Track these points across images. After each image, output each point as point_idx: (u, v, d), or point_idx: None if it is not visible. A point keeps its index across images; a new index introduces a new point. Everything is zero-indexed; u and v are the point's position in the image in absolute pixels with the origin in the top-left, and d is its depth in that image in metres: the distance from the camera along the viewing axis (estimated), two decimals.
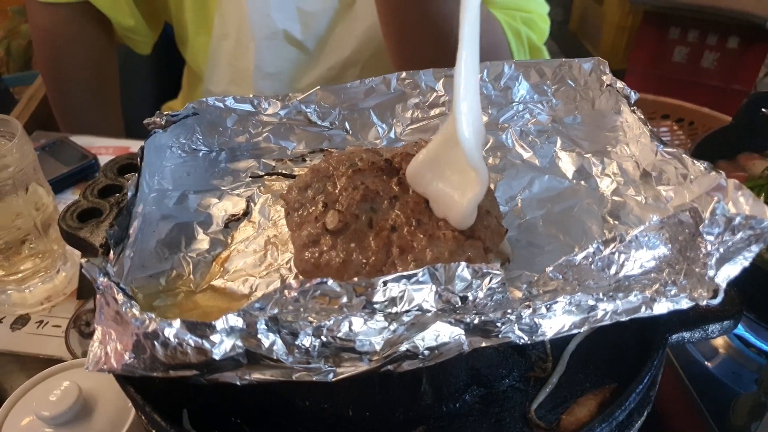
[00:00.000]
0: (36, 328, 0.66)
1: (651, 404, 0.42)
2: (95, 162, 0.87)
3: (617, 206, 0.48)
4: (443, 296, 0.34)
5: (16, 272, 0.67)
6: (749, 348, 0.62)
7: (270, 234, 0.49)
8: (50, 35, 1.00)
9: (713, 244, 0.35)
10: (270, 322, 0.33)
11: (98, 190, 0.49)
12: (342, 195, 0.43)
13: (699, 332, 0.42)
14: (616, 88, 0.52)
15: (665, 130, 1.14)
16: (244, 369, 0.33)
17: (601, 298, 0.35)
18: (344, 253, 0.41)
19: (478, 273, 0.34)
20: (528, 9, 0.93)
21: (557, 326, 0.35)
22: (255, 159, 0.56)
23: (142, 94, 1.28)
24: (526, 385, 0.43)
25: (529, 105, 0.56)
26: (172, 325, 0.32)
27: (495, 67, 0.55)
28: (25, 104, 1.09)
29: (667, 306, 0.35)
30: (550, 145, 0.54)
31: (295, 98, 0.55)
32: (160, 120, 0.50)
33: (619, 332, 0.41)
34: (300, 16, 0.97)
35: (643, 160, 0.48)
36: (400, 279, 0.33)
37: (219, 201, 0.52)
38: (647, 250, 0.36)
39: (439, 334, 0.34)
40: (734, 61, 1.85)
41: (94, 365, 0.35)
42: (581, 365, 0.44)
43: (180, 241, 0.48)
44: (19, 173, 0.63)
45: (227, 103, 0.53)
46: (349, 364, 0.34)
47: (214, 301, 0.44)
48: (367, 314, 0.33)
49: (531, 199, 0.51)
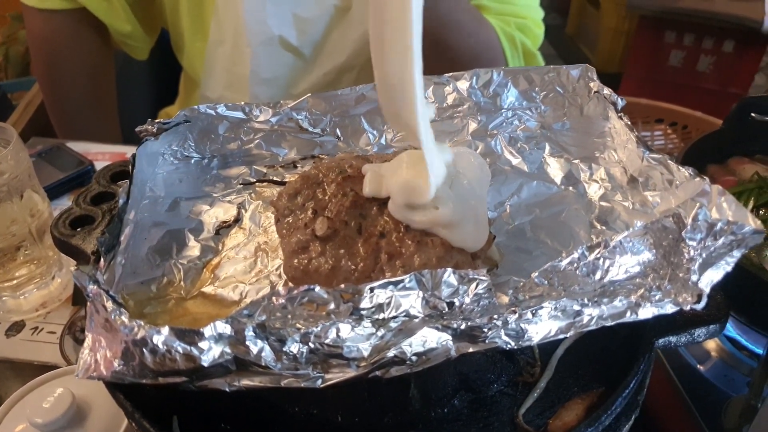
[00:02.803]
0: (31, 335, 0.66)
1: (639, 408, 0.42)
2: (91, 168, 0.88)
3: (605, 212, 0.49)
4: (430, 302, 0.35)
5: (11, 279, 0.68)
6: (741, 351, 0.62)
7: (260, 241, 0.50)
8: (47, 41, 1.01)
9: (696, 249, 0.35)
10: (258, 329, 0.33)
11: (91, 197, 0.49)
12: (331, 201, 0.43)
13: (685, 336, 0.43)
14: (604, 95, 0.52)
15: (659, 134, 1.15)
16: (233, 375, 0.34)
17: (586, 303, 0.35)
18: (333, 259, 0.41)
19: (464, 279, 0.35)
20: (522, 15, 0.94)
21: (543, 331, 0.35)
22: (246, 166, 0.56)
23: (139, 100, 1.29)
24: (515, 389, 0.43)
25: (518, 111, 0.56)
26: (160, 332, 0.32)
27: (484, 74, 0.56)
28: (23, 110, 1.10)
29: (652, 311, 0.35)
30: (538, 151, 0.55)
31: (287, 105, 0.55)
32: (152, 128, 0.50)
33: (606, 337, 0.42)
34: (296, 22, 0.98)
35: (631, 166, 0.49)
36: (387, 285, 0.34)
37: (210, 208, 0.53)
38: (632, 255, 0.37)
39: (427, 340, 0.34)
40: (730, 64, 1.86)
41: (84, 372, 0.35)
42: (569, 370, 0.44)
43: (171, 247, 0.49)
44: (14, 180, 0.63)
45: (219, 110, 0.54)
46: (337, 370, 0.34)
47: (204, 308, 0.44)
48: (355, 321, 0.34)
49: (519, 205, 0.51)
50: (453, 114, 0.57)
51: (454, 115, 0.57)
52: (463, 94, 0.57)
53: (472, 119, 0.57)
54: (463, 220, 0.40)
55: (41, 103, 1.09)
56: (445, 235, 0.40)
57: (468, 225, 0.41)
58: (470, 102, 0.57)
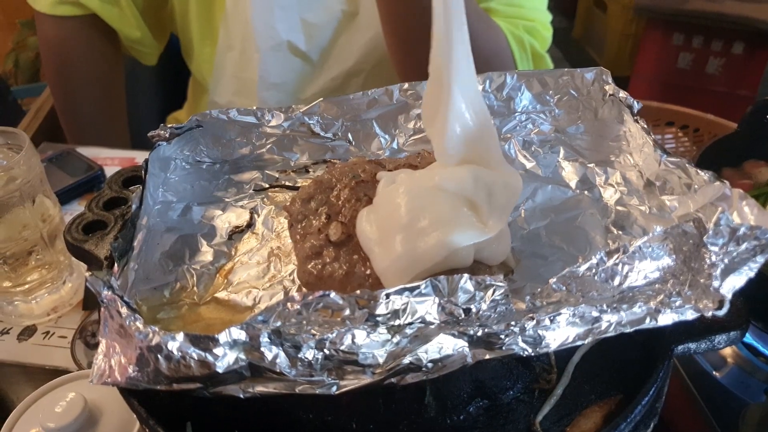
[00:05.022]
0: (42, 339, 0.66)
1: (657, 416, 0.42)
2: (101, 173, 0.88)
3: (621, 216, 0.48)
4: (446, 308, 0.34)
5: (22, 283, 0.68)
6: (758, 357, 0.61)
7: (273, 246, 0.49)
8: (58, 47, 1.02)
9: (718, 254, 0.35)
10: (273, 335, 0.33)
11: (103, 202, 0.49)
12: (345, 206, 0.43)
13: (705, 343, 0.42)
14: (619, 98, 0.52)
15: (670, 137, 1.14)
16: (247, 382, 0.33)
17: (605, 309, 0.35)
18: (347, 264, 0.41)
19: (481, 285, 0.34)
20: (531, 17, 0.94)
21: (561, 338, 0.34)
22: (258, 170, 0.56)
23: (148, 105, 1.29)
24: (531, 397, 0.43)
25: (532, 115, 0.56)
26: (175, 339, 0.32)
27: (497, 77, 0.55)
28: (33, 116, 1.10)
29: (672, 317, 0.35)
30: (553, 155, 0.54)
31: (299, 110, 0.55)
32: (164, 132, 0.50)
33: (624, 343, 0.41)
34: (304, 27, 0.98)
35: (647, 170, 0.48)
36: (403, 291, 0.33)
37: (223, 213, 0.52)
38: (651, 260, 0.36)
39: (443, 347, 0.34)
40: (739, 66, 1.85)
41: (98, 378, 0.35)
42: (586, 377, 0.44)
43: (184, 253, 0.48)
44: (26, 185, 0.63)
45: (231, 115, 0.54)
46: (352, 377, 0.33)
47: (217, 314, 0.44)
48: (370, 327, 0.33)
49: (534, 210, 0.50)
50: None
51: None
52: None
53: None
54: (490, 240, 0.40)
55: (51, 109, 1.10)
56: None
57: (492, 243, 0.40)
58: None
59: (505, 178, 0.41)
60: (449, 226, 0.38)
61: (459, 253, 0.38)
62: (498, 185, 0.40)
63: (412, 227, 0.38)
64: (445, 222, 0.38)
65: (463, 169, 0.40)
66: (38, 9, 0.98)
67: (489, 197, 0.40)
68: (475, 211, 0.40)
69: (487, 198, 0.40)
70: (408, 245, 0.38)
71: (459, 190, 0.39)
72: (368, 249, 0.40)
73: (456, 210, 0.39)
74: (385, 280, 0.39)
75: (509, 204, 0.41)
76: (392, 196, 0.40)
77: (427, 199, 0.39)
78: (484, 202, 0.40)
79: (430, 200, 0.39)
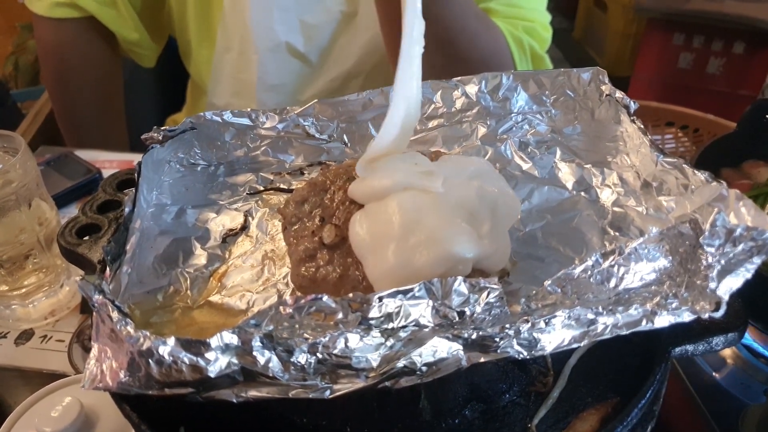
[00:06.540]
0: (40, 343, 0.66)
1: (655, 419, 0.41)
2: (99, 176, 0.88)
3: (618, 217, 0.48)
4: (440, 311, 0.34)
5: (20, 287, 0.68)
6: (758, 358, 0.61)
7: (267, 248, 0.49)
8: (56, 50, 1.02)
9: (714, 255, 0.34)
10: (265, 339, 0.32)
11: (97, 205, 0.49)
12: (339, 209, 0.43)
13: (703, 345, 0.41)
14: (616, 98, 0.51)
15: (670, 137, 1.14)
16: (240, 386, 0.33)
17: (600, 311, 0.34)
18: (341, 267, 0.40)
19: (475, 287, 0.34)
20: (530, 18, 0.94)
21: (557, 341, 0.34)
22: (253, 173, 0.56)
23: (147, 107, 1.29)
24: (527, 400, 0.42)
25: (528, 116, 0.56)
26: (166, 343, 0.32)
27: (493, 78, 0.55)
28: (32, 119, 1.10)
29: (668, 319, 0.34)
30: (549, 156, 0.54)
31: (293, 111, 0.55)
32: (158, 135, 0.50)
33: (621, 346, 0.40)
34: (302, 29, 0.98)
35: (644, 171, 0.48)
36: (396, 294, 0.33)
37: (217, 215, 0.52)
38: (647, 262, 0.36)
39: (437, 350, 0.33)
40: (740, 66, 1.84)
41: (90, 383, 0.35)
42: (583, 379, 0.43)
43: (178, 256, 0.48)
44: (23, 189, 0.63)
45: (225, 117, 0.53)
46: (345, 380, 0.33)
47: (211, 317, 0.43)
48: (363, 330, 0.33)
49: (530, 211, 0.50)
50: (462, 119, 0.56)
51: (463, 119, 0.56)
52: (472, 99, 0.56)
53: (481, 124, 0.56)
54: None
55: (50, 112, 1.10)
56: None
57: (491, 255, 0.40)
58: (479, 106, 0.56)
59: (507, 198, 0.42)
60: (447, 241, 0.38)
61: (456, 267, 0.38)
62: (500, 203, 0.41)
63: (406, 240, 0.38)
64: (442, 237, 0.38)
65: (469, 183, 0.41)
66: (36, 11, 0.98)
67: (492, 213, 0.40)
68: (475, 225, 0.40)
69: (490, 214, 0.40)
70: (402, 257, 0.38)
71: (462, 202, 0.40)
72: (361, 256, 0.40)
73: (454, 224, 0.39)
74: (378, 288, 0.38)
75: (509, 221, 0.42)
76: (384, 206, 0.40)
77: (423, 212, 0.39)
78: (487, 217, 0.40)
79: (427, 212, 0.39)
